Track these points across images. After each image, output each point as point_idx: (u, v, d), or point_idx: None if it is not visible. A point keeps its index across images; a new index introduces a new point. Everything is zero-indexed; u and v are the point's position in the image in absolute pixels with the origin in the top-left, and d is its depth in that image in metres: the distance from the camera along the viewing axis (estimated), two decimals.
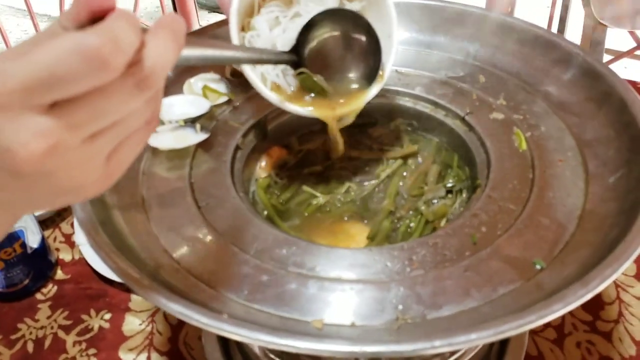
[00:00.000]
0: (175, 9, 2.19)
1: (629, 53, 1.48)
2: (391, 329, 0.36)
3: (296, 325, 0.37)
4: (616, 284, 0.64)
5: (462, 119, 0.53)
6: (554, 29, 1.79)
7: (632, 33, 1.44)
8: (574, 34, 1.34)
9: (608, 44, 1.53)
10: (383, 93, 0.58)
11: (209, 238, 0.43)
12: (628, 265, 0.35)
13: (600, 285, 0.34)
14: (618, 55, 1.50)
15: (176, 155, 0.50)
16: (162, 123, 0.52)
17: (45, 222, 0.72)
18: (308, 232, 0.49)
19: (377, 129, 0.58)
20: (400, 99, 0.57)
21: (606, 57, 1.53)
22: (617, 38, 1.58)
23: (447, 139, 0.55)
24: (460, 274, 0.40)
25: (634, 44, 1.42)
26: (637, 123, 0.45)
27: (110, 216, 0.43)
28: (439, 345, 0.32)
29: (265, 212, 0.50)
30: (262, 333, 0.33)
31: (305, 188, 0.52)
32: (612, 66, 1.54)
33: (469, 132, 0.53)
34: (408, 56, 0.60)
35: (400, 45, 0.61)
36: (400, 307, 0.38)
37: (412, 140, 0.57)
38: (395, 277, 0.40)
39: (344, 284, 0.39)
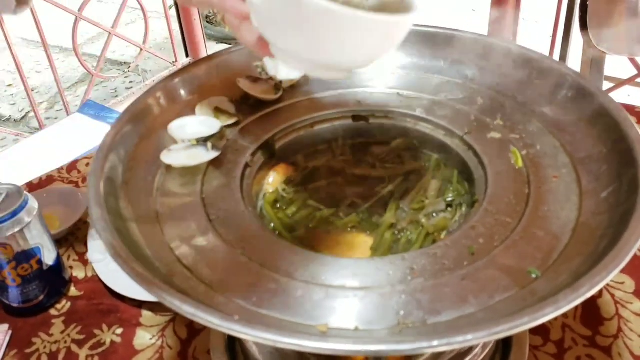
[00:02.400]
0: (184, 40, 2.25)
1: (631, 80, 1.50)
2: (393, 333, 0.38)
3: (302, 329, 0.39)
4: (615, 301, 0.65)
5: (461, 139, 0.56)
6: (556, 56, 1.83)
7: (632, 60, 1.48)
8: (575, 62, 1.38)
9: (610, 72, 1.57)
10: (385, 114, 0.60)
11: (219, 249, 0.45)
12: (616, 273, 0.37)
13: (589, 292, 0.36)
14: (619, 83, 1.53)
15: (189, 172, 0.52)
16: (175, 142, 0.54)
17: (59, 241, 0.75)
18: (313, 243, 0.51)
19: (379, 147, 0.61)
20: (401, 120, 0.60)
21: (608, 85, 1.56)
22: (618, 66, 1.61)
23: (447, 157, 0.57)
24: (458, 282, 0.41)
25: (635, 72, 1.45)
26: (627, 139, 0.47)
27: (126, 227, 0.45)
28: (438, 345, 0.34)
29: (272, 225, 0.52)
30: (270, 333, 0.35)
31: (310, 202, 0.55)
32: (613, 94, 1.57)
33: (468, 150, 0.55)
34: (409, 80, 0.63)
35: (401, 70, 0.64)
36: (402, 312, 0.40)
37: (413, 158, 0.60)
38: (397, 284, 0.41)
39: (348, 292, 0.41)
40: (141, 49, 2.08)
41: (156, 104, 0.57)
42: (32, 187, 0.84)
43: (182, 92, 0.60)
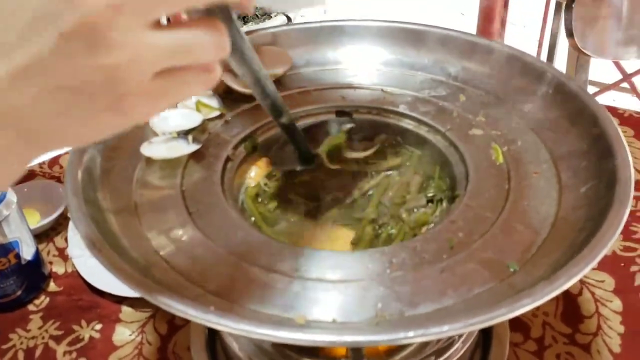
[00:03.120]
0: None
1: (615, 85, 1.52)
2: (370, 324, 0.38)
3: (280, 321, 0.39)
4: (595, 299, 0.65)
5: (443, 135, 0.56)
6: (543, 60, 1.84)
7: (617, 65, 1.49)
8: (562, 66, 1.39)
9: (595, 77, 1.58)
10: (369, 110, 0.61)
11: (198, 241, 0.45)
12: (592, 265, 0.37)
13: (565, 284, 0.36)
14: (604, 88, 1.54)
15: (169, 165, 0.52)
16: (155, 134, 0.54)
17: (39, 236, 0.74)
18: (294, 237, 0.51)
19: (362, 143, 0.60)
20: (385, 116, 0.60)
21: (593, 89, 1.58)
22: (604, 71, 1.63)
23: (429, 153, 0.57)
24: (437, 275, 0.41)
25: (621, 77, 1.46)
26: (606, 136, 0.48)
27: (104, 219, 0.45)
28: (414, 336, 0.34)
29: (253, 219, 0.52)
30: (245, 324, 0.34)
31: (292, 196, 0.55)
32: (598, 98, 1.58)
33: (449, 146, 0.55)
34: (393, 76, 0.63)
35: (385, 66, 0.64)
36: (380, 305, 0.39)
37: (396, 154, 0.60)
38: (376, 277, 0.41)
39: (327, 284, 0.41)
40: None
41: None
42: None
43: None
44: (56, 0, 0.24)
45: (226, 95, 0.61)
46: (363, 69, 0.64)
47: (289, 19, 2.89)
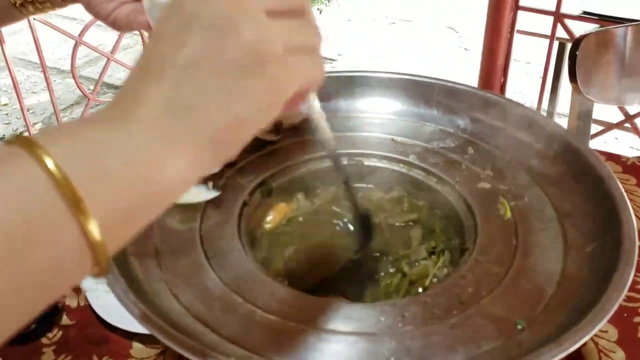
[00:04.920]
0: None
1: (618, 125, 1.54)
2: None
3: None
4: (599, 349, 0.67)
5: (452, 187, 0.58)
6: (545, 98, 1.88)
7: (620, 107, 1.52)
8: (565, 104, 1.41)
9: (598, 115, 1.60)
10: (380, 159, 0.63)
11: (215, 287, 0.47)
12: (598, 329, 0.39)
13: (572, 346, 0.38)
14: (606, 128, 1.56)
15: (188, 209, 0.54)
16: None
17: None
18: (307, 285, 0.52)
19: (375, 192, 0.62)
20: (395, 166, 0.62)
21: (596, 129, 1.60)
22: (606, 108, 1.65)
23: (438, 204, 0.59)
24: (447, 330, 0.43)
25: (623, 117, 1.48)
26: (611, 198, 0.50)
27: (126, 262, 0.47)
28: None
29: (268, 264, 0.54)
30: None
31: (305, 244, 0.56)
32: (602, 137, 1.60)
33: (459, 199, 0.57)
34: (404, 127, 0.65)
35: (396, 117, 0.67)
36: (392, 359, 0.41)
37: (409, 205, 0.61)
38: (388, 331, 0.43)
39: (339, 336, 0.43)
40: None
41: None
42: None
43: None
44: (190, 3, 0.30)
45: None
46: (374, 118, 0.67)
47: None
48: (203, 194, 0.54)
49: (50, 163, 0.26)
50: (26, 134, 2.24)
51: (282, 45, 0.31)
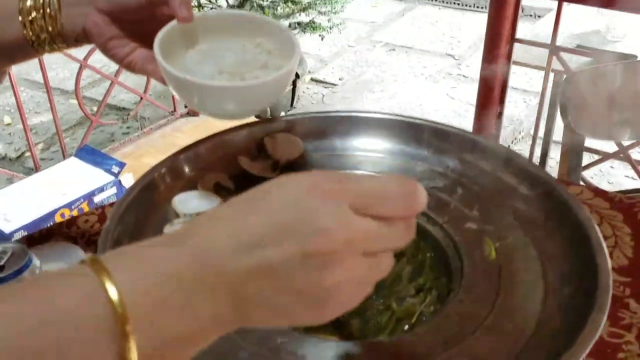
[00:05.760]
0: None
1: (612, 156, 1.56)
2: None
3: None
4: None
5: (441, 226, 0.61)
6: (542, 127, 1.91)
7: None
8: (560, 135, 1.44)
9: (595, 144, 1.63)
10: None
11: None
12: None
13: None
14: (600, 159, 1.59)
15: None
16: (177, 216, 0.59)
17: None
18: None
19: None
20: None
21: (591, 157, 1.62)
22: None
23: (427, 243, 0.61)
24: None
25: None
26: (588, 242, 0.52)
27: None
28: None
29: None
30: None
31: None
32: (598, 166, 1.62)
33: (446, 238, 0.60)
34: (395, 166, 0.68)
35: (388, 155, 0.70)
36: None
37: None
38: None
39: None
40: (141, 97, 2.15)
41: (162, 178, 0.62)
42: (32, 240, 0.87)
43: (186, 167, 0.65)
44: (310, 223, 0.32)
45: (242, 177, 0.66)
46: (367, 156, 0.70)
47: None
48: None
49: (113, 293, 0.29)
50: (28, 154, 2.25)
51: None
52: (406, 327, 0.53)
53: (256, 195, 0.35)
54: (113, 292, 0.29)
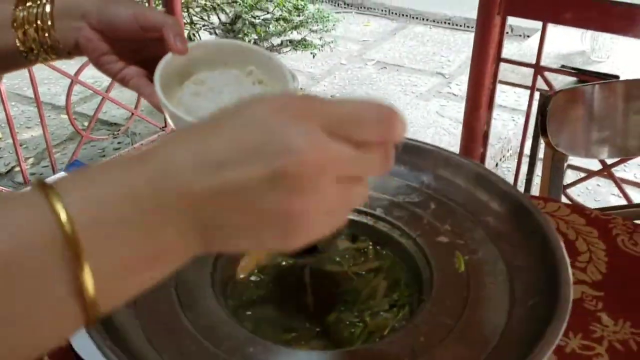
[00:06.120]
0: None
1: (597, 173, 1.58)
2: None
3: None
4: None
5: (414, 240, 0.62)
6: (527, 149, 1.93)
7: None
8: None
9: (581, 162, 1.65)
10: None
11: (188, 336, 0.50)
12: None
13: None
14: (585, 177, 1.61)
15: None
16: None
17: None
18: (274, 334, 0.56)
19: (342, 242, 0.67)
20: (363, 218, 0.67)
21: (578, 175, 1.65)
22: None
23: (401, 256, 0.63)
24: None
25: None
26: (552, 257, 0.54)
27: None
28: None
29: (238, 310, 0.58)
30: None
31: (273, 292, 0.60)
32: (584, 184, 1.63)
33: (418, 252, 0.61)
34: (373, 180, 0.70)
35: None
36: None
37: (376, 255, 0.66)
38: None
39: None
40: (132, 113, 2.16)
41: None
42: None
43: None
44: (277, 144, 0.29)
45: None
46: None
47: None
48: None
49: (63, 216, 0.27)
50: (18, 169, 2.25)
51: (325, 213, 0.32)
52: (377, 339, 0.55)
53: (222, 116, 0.32)
54: (62, 214, 0.27)
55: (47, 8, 0.55)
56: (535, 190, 1.98)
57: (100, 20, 0.56)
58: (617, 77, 1.83)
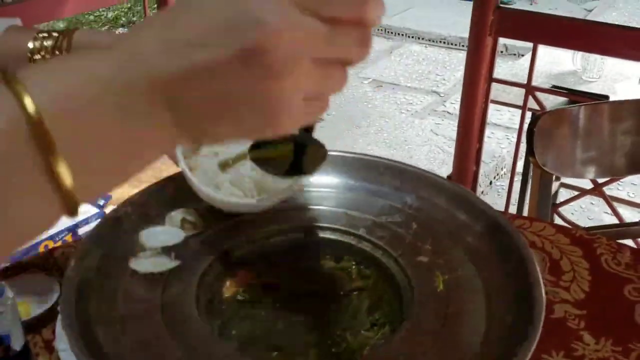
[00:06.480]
0: None
1: (589, 192, 1.60)
2: None
3: None
4: None
5: (395, 260, 0.64)
6: (519, 167, 1.95)
7: None
8: None
9: (575, 181, 1.66)
10: (333, 231, 0.69)
11: (173, 353, 0.52)
12: None
13: None
14: (576, 196, 1.63)
15: (153, 277, 0.59)
16: (143, 249, 0.62)
17: (28, 327, 0.79)
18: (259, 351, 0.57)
19: (327, 262, 0.68)
20: (347, 238, 0.68)
21: (568, 195, 1.66)
22: None
23: (383, 276, 0.65)
24: None
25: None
26: (527, 277, 0.56)
27: (90, 326, 0.52)
28: None
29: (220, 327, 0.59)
30: None
31: (256, 313, 0.62)
32: (577, 202, 1.64)
33: (400, 271, 0.63)
34: (356, 201, 0.72)
35: (350, 191, 0.73)
36: None
37: (360, 274, 0.67)
38: None
39: None
40: None
41: (132, 212, 0.65)
42: (8, 272, 0.89)
43: (154, 203, 0.68)
44: (247, 19, 0.28)
45: (208, 211, 0.69)
46: (329, 192, 0.73)
47: None
48: (165, 264, 0.60)
49: (28, 102, 0.26)
50: None
51: (305, 93, 0.30)
52: (358, 358, 0.56)
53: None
54: (27, 101, 0.26)
55: (64, 43, 0.57)
56: (528, 209, 2.00)
57: None
58: (607, 97, 1.86)
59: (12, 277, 0.86)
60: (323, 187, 0.74)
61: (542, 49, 1.78)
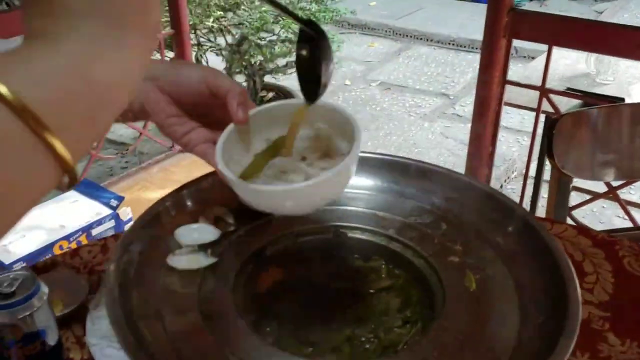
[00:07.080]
0: None
1: (603, 196, 1.60)
2: None
3: None
4: None
5: (426, 260, 0.65)
6: (532, 170, 1.95)
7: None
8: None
9: (581, 183, 1.67)
10: (363, 232, 0.70)
11: (210, 346, 0.53)
12: None
13: None
14: (590, 199, 1.63)
15: (189, 274, 0.60)
16: (180, 246, 0.63)
17: (60, 323, 0.80)
18: (293, 344, 0.58)
19: (357, 260, 0.69)
20: (377, 238, 0.69)
21: (581, 198, 1.67)
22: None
23: (413, 275, 0.65)
24: None
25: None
26: (561, 276, 0.56)
27: (132, 321, 0.53)
28: None
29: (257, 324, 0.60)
30: None
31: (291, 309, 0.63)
32: (589, 206, 1.64)
33: (430, 271, 0.64)
34: (386, 202, 0.73)
35: (379, 193, 0.74)
36: None
37: (389, 274, 0.68)
38: None
39: None
40: (141, 133, 2.20)
41: (166, 211, 0.66)
42: (38, 269, 0.91)
43: (189, 201, 0.69)
44: None
45: (241, 210, 0.70)
46: (359, 194, 0.74)
47: None
48: (202, 261, 0.61)
49: (5, 90, 0.27)
50: None
51: None
52: (391, 354, 0.57)
53: None
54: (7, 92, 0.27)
55: None
56: (540, 212, 2.00)
57: (171, 82, 0.56)
58: (622, 99, 1.86)
59: (42, 274, 0.87)
60: (353, 188, 0.75)
61: (554, 51, 1.78)
